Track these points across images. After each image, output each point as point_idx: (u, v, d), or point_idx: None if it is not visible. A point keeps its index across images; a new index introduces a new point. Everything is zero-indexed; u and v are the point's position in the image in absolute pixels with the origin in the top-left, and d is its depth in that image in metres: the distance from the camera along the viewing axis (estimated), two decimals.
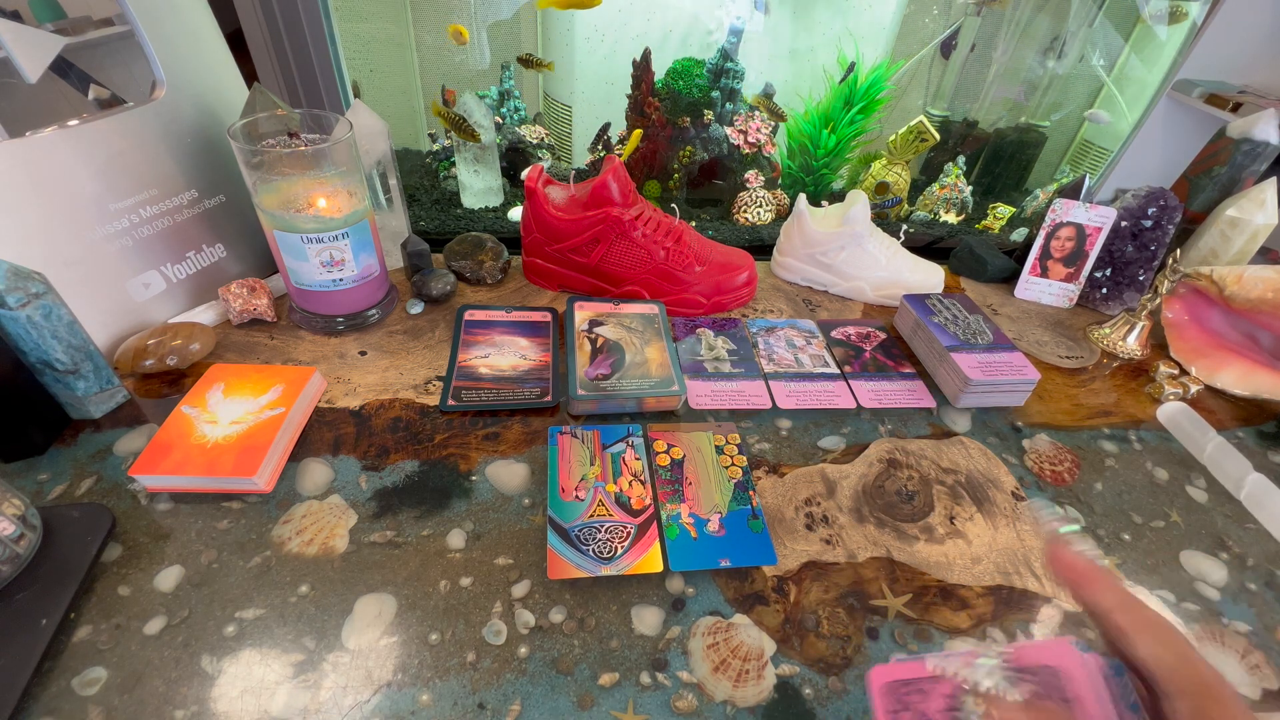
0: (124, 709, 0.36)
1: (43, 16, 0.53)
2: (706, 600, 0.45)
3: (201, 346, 0.59)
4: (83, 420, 0.53)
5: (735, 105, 0.89)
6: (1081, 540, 0.28)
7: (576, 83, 0.93)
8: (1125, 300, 0.80)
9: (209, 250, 0.66)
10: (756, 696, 0.40)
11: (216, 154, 0.63)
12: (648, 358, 0.61)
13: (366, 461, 0.52)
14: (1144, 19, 0.91)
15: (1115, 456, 0.60)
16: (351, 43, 0.84)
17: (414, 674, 0.39)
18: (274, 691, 0.37)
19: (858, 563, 0.48)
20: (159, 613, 0.41)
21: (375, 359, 0.63)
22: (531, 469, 0.53)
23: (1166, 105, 0.95)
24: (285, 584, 0.43)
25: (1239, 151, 0.78)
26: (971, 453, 0.58)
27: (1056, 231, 0.79)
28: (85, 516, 0.44)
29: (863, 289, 0.78)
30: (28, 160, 0.51)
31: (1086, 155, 1.08)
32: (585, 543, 0.46)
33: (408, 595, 0.43)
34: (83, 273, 0.56)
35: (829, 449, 0.58)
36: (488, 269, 0.74)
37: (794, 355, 0.68)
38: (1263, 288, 0.67)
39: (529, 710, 0.38)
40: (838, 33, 0.90)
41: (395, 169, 0.73)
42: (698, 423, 0.58)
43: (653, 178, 0.91)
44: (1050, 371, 0.70)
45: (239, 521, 0.47)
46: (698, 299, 0.73)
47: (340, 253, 0.60)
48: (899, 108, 1.01)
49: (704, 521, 0.48)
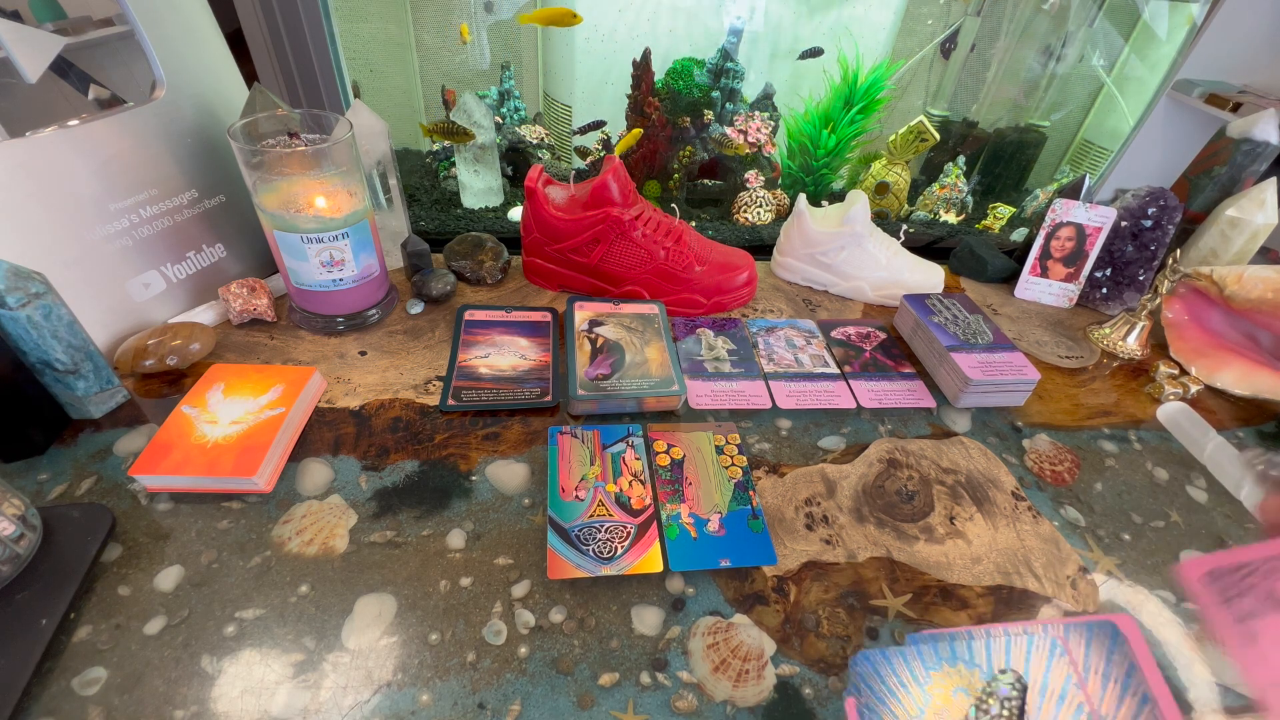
0: (124, 709, 0.36)
1: (43, 16, 0.53)
2: (706, 600, 0.45)
3: (201, 346, 0.59)
4: (83, 420, 0.53)
5: (735, 105, 0.89)
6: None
7: (576, 83, 0.93)
8: (1125, 300, 0.80)
9: (209, 250, 0.66)
10: (756, 696, 0.40)
11: (216, 154, 0.63)
12: (648, 358, 0.61)
13: (366, 461, 0.52)
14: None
15: (1115, 456, 0.60)
16: (351, 43, 0.84)
17: (414, 674, 0.39)
18: (274, 691, 0.37)
19: (858, 563, 0.48)
20: (159, 613, 0.41)
21: (375, 359, 0.63)
22: (531, 469, 0.53)
23: (1166, 105, 0.95)
24: (285, 584, 0.43)
25: (1239, 151, 0.78)
26: (971, 453, 0.58)
27: (1056, 231, 0.79)
28: (85, 516, 0.44)
29: (863, 289, 0.78)
30: (28, 160, 0.51)
31: (1086, 155, 1.08)
32: (585, 543, 0.46)
33: (408, 595, 0.43)
34: (83, 273, 0.56)
35: (829, 449, 0.58)
36: (488, 269, 0.74)
37: (794, 355, 0.68)
38: (1263, 288, 0.67)
39: (529, 710, 0.38)
40: (838, 33, 0.90)
41: (395, 169, 0.73)
42: (698, 423, 0.58)
43: (653, 178, 0.91)
44: (1050, 371, 0.70)
45: (239, 521, 0.47)
46: (698, 299, 0.73)
47: (340, 253, 0.60)
48: (899, 108, 1.01)
49: (704, 521, 0.48)
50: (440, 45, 0.92)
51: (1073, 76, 0.99)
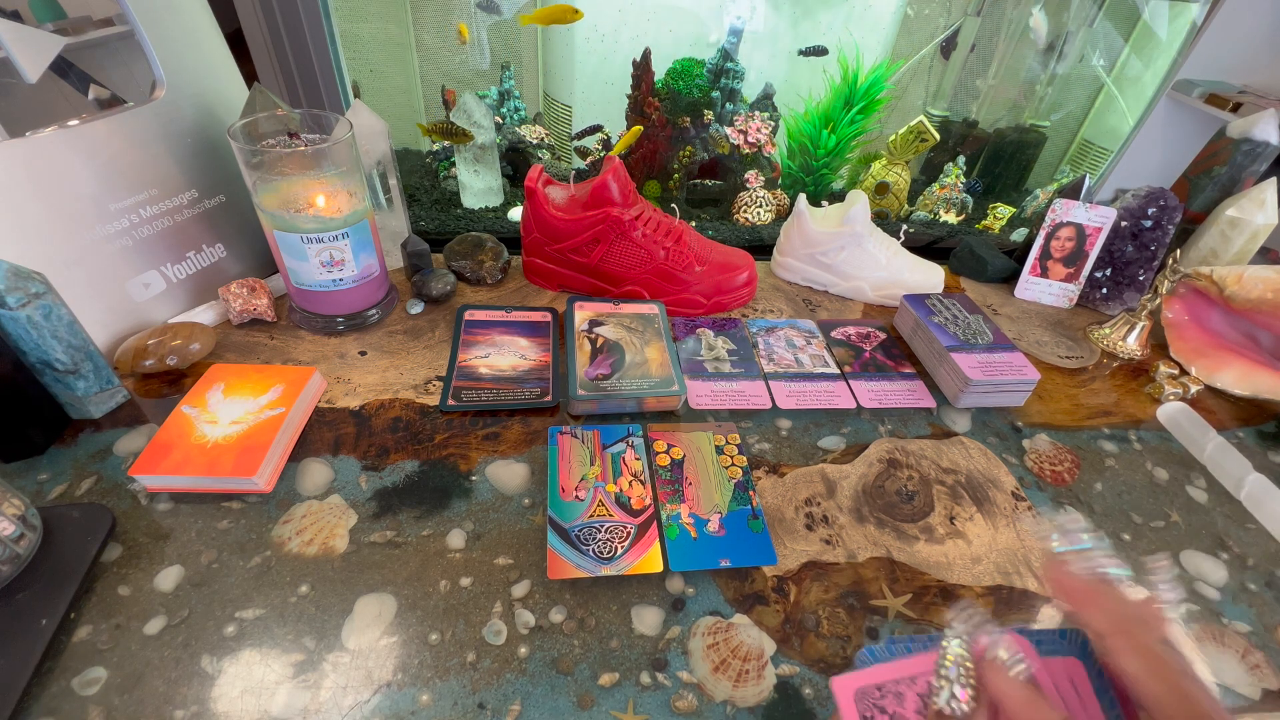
0: (124, 709, 0.36)
1: (43, 16, 0.53)
2: (706, 600, 0.45)
3: (201, 346, 0.59)
4: (83, 420, 0.53)
5: (735, 105, 0.89)
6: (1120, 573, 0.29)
7: (576, 83, 0.93)
8: (1125, 300, 0.80)
9: (209, 250, 0.66)
10: (756, 696, 0.40)
11: (216, 154, 0.63)
12: (648, 358, 0.61)
13: (366, 461, 0.52)
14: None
15: (1115, 456, 0.60)
16: (351, 43, 0.84)
17: (414, 674, 0.39)
18: (274, 691, 0.37)
19: (858, 563, 0.48)
20: (159, 613, 0.41)
21: (375, 359, 0.63)
22: (531, 469, 0.53)
23: (1166, 105, 0.95)
24: (285, 584, 0.43)
25: (1239, 151, 0.78)
26: (971, 453, 0.58)
27: (1056, 231, 0.79)
28: (85, 516, 0.44)
29: (863, 289, 0.78)
30: (28, 160, 0.51)
31: (1086, 155, 1.08)
32: (585, 543, 0.46)
33: (408, 595, 0.43)
34: (83, 273, 0.56)
35: (829, 449, 0.58)
36: (488, 269, 0.74)
37: (794, 355, 0.68)
38: (1263, 288, 0.67)
39: (529, 710, 0.38)
40: (839, 32, 0.90)
41: (395, 169, 0.73)
42: (698, 423, 0.58)
43: (653, 178, 0.91)
44: (1050, 371, 0.70)
45: (239, 521, 0.47)
46: (698, 299, 0.73)
47: (340, 253, 0.60)
48: (899, 108, 1.01)
49: (704, 521, 0.48)
50: (440, 45, 0.92)
51: (1073, 76, 0.99)
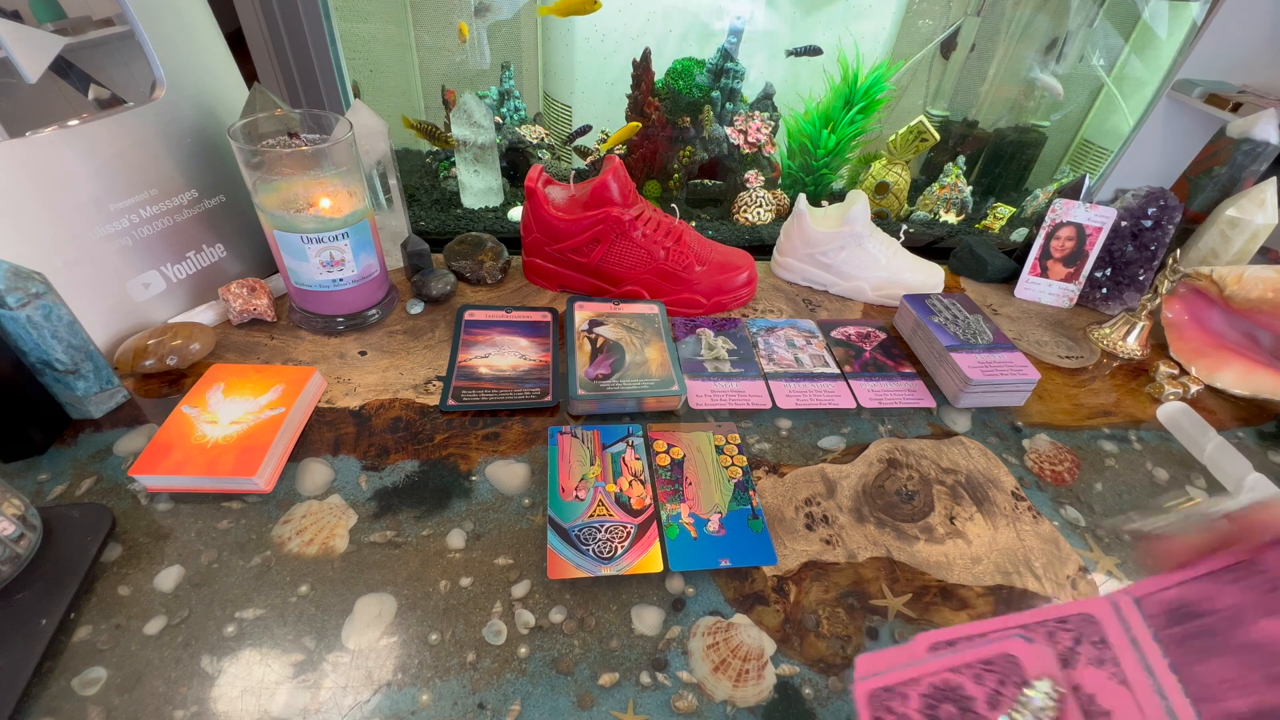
0: (124, 709, 0.36)
1: (43, 16, 0.53)
2: (706, 600, 0.45)
3: (201, 346, 0.59)
4: (83, 420, 0.53)
5: (735, 105, 0.89)
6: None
7: (576, 83, 0.93)
8: (1125, 300, 0.80)
9: (209, 250, 0.66)
10: (756, 696, 0.40)
11: (216, 154, 0.63)
12: (648, 358, 0.61)
13: (366, 461, 0.52)
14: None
15: (1115, 456, 0.60)
16: (351, 43, 0.84)
17: (414, 674, 0.39)
18: (274, 691, 0.37)
19: (858, 563, 0.48)
20: (159, 613, 0.41)
21: (375, 359, 0.63)
22: (531, 469, 0.53)
23: (1166, 105, 0.95)
24: (285, 584, 0.43)
25: (1239, 151, 0.78)
26: (971, 453, 0.58)
27: (1056, 231, 0.79)
28: (85, 516, 0.44)
29: (863, 289, 0.78)
30: (28, 160, 0.51)
31: (1086, 155, 1.08)
32: (585, 543, 0.46)
33: (408, 595, 0.43)
34: (83, 273, 0.56)
35: (829, 449, 0.58)
36: (488, 269, 0.74)
37: (794, 355, 0.68)
38: (1263, 288, 0.67)
39: (529, 710, 0.38)
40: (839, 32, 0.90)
41: (395, 169, 0.73)
42: (698, 423, 0.58)
43: (653, 178, 0.91)
44: (1050, 371, 0.70)
45: (239, 521, 0.47)
46: (698, 299, 0.73)
47: (340, 253, 0.60)
48: (899, 108, 1.01)
49: (704, 521, 0.48)
50: (440, 45, 0.92)
51: (1073, 76, 0.99)
